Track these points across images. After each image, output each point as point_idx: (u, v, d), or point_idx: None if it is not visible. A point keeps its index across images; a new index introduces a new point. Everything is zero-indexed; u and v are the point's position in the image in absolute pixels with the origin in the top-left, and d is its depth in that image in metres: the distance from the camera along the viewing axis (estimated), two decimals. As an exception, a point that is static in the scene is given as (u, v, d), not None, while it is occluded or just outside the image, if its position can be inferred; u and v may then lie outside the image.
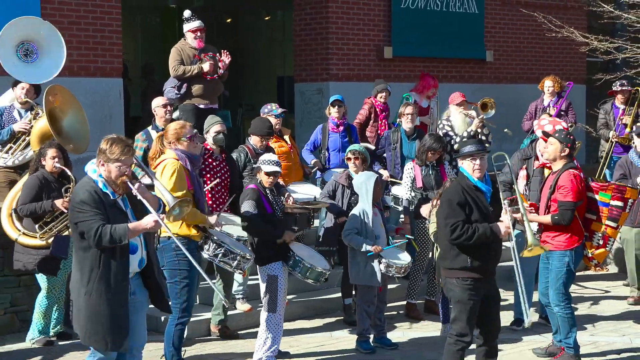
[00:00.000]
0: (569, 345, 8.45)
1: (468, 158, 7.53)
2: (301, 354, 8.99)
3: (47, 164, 9.03)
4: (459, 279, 7.40)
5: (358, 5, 14.80)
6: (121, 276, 6.41)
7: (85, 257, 6.38)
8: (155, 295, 6.81)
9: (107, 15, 12.13)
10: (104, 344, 6.43)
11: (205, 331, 9.53)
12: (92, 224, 6.25)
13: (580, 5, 16.40)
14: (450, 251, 7.43)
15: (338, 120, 11.32)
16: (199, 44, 11.27)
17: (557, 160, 8.44)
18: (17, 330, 9.55)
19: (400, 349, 9.13)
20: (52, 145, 9.11)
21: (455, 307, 7.50)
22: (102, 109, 11.99)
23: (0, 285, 9.57)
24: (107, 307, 6.36)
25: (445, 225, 7.35)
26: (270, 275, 8.41)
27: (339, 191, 9.74)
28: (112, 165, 6.40)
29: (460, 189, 7.47)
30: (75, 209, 6.36)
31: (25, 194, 8.96)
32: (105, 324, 6.37)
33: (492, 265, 7.61)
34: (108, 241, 6.22)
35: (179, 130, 7.98)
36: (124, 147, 6.44)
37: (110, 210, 6.40)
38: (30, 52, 9.97)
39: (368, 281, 8.94)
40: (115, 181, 6.43)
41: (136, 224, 6.40)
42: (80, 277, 6.42)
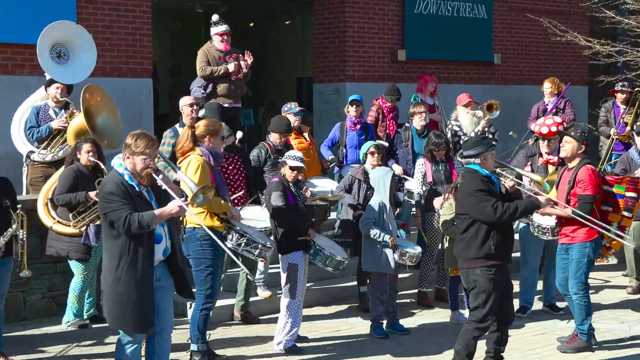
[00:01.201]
0: (582, 331, 8.45)
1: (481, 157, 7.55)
2: (318, 338, 9.01)
3: (82, 158, 9.11)
4: (483, 269, 7.41)
5: (374, 10, 14.79)
6: (148, 263, 6.46)
7: (115, 245, 6.42)
8: (179, 282, 6.84)
9: (138, 19, 12.17)
10: (132, 327, 6.49)
11: (228, 316, 9.58)
12: (120, 213, 6.30)
13: (583, 11, 16.32)
14: (475, 241, 7.44)
15: (355, 119, 11.34)
16: (226, 46, 11.30)
17: (575, 158, 8.43)
18: (54, 314, 9.62)
19: (411, 335, 9.14)
20: (87, 140, 9.20)
21: (478, 297, 7.46)
22: (132, 107, 12.03)
23: (38, 272, 9.62)
24: (134, 293, 6.41)
25: (484, 208, 7.33)
26: (291, 264, 8.44)
27: (355, 185, 9.76)
28: (137, 158, 6.45)
29: (478, 179, 7.50)
30: (104, 200, 6.41)
31: (61, 185, 9.05)
32: (133, 308, 6.42)
33: (510, 251, 7.63)
34: (137, 228, 6.28)
35: (211, 127, 8.02)
36: (148, 141, 6.50)
37: (137, 201, 6.45)
38: (63, 54, 10.02)
39: (383, 269, 8.95)
40: (140, 173, 6.48)
41: (162, 209, 6.45)
42: (109, 264, 6.48)
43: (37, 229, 9.49)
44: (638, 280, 11.13)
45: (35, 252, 9.47)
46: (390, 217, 9.05)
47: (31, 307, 9.63)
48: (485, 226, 7.42)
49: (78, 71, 10.16)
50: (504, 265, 7.53)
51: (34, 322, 9.50)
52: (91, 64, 10.32)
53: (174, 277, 6.82)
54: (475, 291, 7.50)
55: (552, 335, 9.13)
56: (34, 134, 9.94)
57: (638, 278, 11.13)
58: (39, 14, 11.04)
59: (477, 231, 7.46)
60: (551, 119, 9.73)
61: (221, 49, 11.28)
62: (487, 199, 7.37)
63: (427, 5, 15.29)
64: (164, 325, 6.79)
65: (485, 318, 7.45)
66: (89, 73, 10.28)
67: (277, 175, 8.70)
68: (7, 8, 10.94)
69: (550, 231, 9.16)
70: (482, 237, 7.43)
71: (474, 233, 7.48)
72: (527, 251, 9.92)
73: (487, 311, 7.43)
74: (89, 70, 10.29)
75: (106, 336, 8.95)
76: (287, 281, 8.45)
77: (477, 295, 7.48)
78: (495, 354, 7.72)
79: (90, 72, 10.29)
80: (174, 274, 6.81)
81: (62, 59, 10.01)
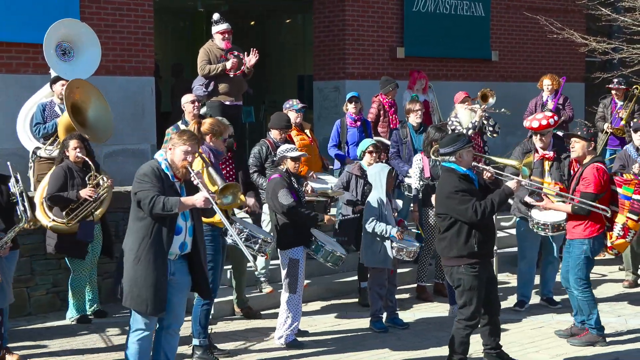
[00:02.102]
0: (591, 326, 8.42)
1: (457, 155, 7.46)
2: (319, 332, 9.00)
3: (70, 155, 9.06)
4: (467, 266, 7.36)
5: (373, 8, 14.76)
6: (167, 248, 6.52)
7: (140, 226, 6.51)
8: (198, 281, 6.84)
9: (140, 18, 12.14)
10: (145, 307, 6.51)
11: (230, 311, 9.56)
12: (148, 193, 6.41)
13: (579, 9, 16.28)
14: (457, 239, 7.37)
15: (355, 115, 11.31)
16: (227, 44, 11.26)
17: (586, 156, 8.39)
18: (58, 309, 9.63)
19: (410, 328, 9.12)
20: (73, 137, 9.14)
21: (464, 294, 7.42)
22: (135, 105, 12.02)
23: (42, 268, 9.64)
24: (152, 274, 6.46)
25: (466, 210, 7.26)
26: (291, 259, 8.41)
27: (352, 181, 9.72)
28: (177, 150, 6.57)
29: (456, 178, 7.42)
30: (137, 180, 6.54)
31: (52, 185, 9.00)
32: (148, 288, 6.46)
33: (492, 246, 7.64)
34: (160, 208, 6.35)
35: (216, 127, 7.99)
36: (191, 135, 6.69)
37: (167, 189, 6.52)
38: (68, 52, 9.99)
39: (382, 264, 8.93)
40: (177, 165, 6.57)
41: (188, 197, 6.52)
42: (132, 244, 6.55)
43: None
44: (634, 274, 11.12)
45: (40, 249, 9.48)
46: (389, 212, 9.02)
47: (36, 303, 9.63)
48: (467, 225, 7.35)
49: (83, 68, 10.15)
50: (486, 261, 7.52)
51: (38, 317, 9.50)
52: (96, 61, 10.30)
53: (195, 276, 6.82)
54: (461, 289, 7.45)
55: (550, 328, 9.11)
56: (40, 130, 9.91)
57: (634, 272, 11.13)
58: (43, 14, 11.01)
59: (459, 230, 7.38)
60: (542, 114, 9.71)
61: (222, 47, 11.24)
62: (466, 199, 7.29)
63: (426, 4, 15.26)
64: (173, 321, 6.79)
65: (474, 315, 7.41)
66: (93, 70, 10.26)
67: (275, 172, 8.65)
68: (12, 8, 10.90)
69: (550, 227, 9.13)
70: (464, 235, 7.37)
71: (455, 232, 7.39)
72: (524, 246, 9.89)
73: (475, 308, 7.40)
74: (94, 67, 10.27)
75: (109, 330, 8.94)
76: (287, 276, 8.42)
77: (463, 293, 7.43)
78: (493, 345, 7.70)
79: (95, 68, 10.27)
80: (195, 273, 6.81)
81: (67, 56, 9.99)
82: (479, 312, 7.45)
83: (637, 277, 11.15)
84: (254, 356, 8.16)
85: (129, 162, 11.70)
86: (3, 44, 10.93)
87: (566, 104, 13.20)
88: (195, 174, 6.65)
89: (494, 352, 7.71)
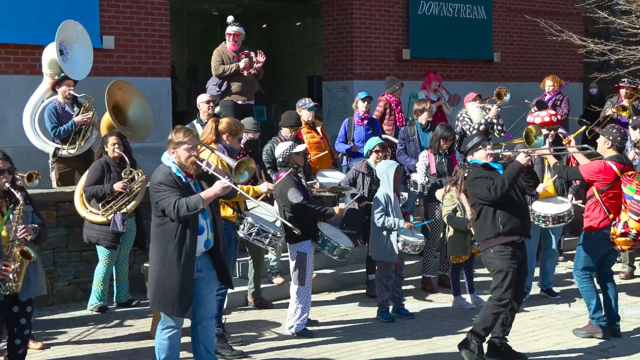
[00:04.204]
0: (592, 318, 8.38)
1: (478, 149, 7.60)
2: (328, 322, 9.00)
3: (108, 150, 9.20)
4: (496, 249, 7.38)
5: (380, 12, 14.76)
6: (191, 251, 6.45)
7: (164, 230, 6.44)
8: (221, 273, 6.81)
9: (157, 22, 12.16)
10: (170, 309, 6.47)
11: (243, 302, 9.58)
12: (170, 199, 6.31)
13: (578, 12, 16.24)
14: (485, 223, 7.45)
15: (364, 114, 11.31)
16: (233, 46, 11.26)
17: (605, 151, 8.31)
18: (79, 299, 9.66)
19: (416, 318, 9.13)
20: (113, 134, 9.32)
21: (496, 277, 7.44)
22: (152, 104, 11.98)
23: (64, 260, 9.68)
24: (177, 276, 6.39)
25: (483, 191, 7.36)
26: (300, 252, 8.42)
27: (359, 179, 9.71)
28: (180, 150, 6.49)
29: (477, 170, 7.60)
30: (154, 190, 6.45)
31: (89, 178, 9.14)
32: (174, 290, 6.41)
33: (524, 226, 7.53)
34: (185, 210, 6.26)
35: (233, 127, 7.98)
36: (185, 130, 6.58)
37: (184, 191, 6.44)
38: (62, 51, 9.99)
39: (388, 257, 8.94)
40: (186, 163, 6.50)
41: (207, 190, 6.42)
42: (157, 248, 6.49)
43: (65, 219, 9.56)
44: (631, 266, 11.12)
45: (63, 242, 9.54)
46: (396, 207, 9.02)
47: (58, 293, 9.66)
48: (491, 208, 7.43)
49: (81, 66, 10.13)
50: (518, 244, 7.48)
51: (61, 307, 9.54)
52: (89, 59, 10.23)
53: (217, 268, 6.78)
54: (493, 272, 7.48)
55: (549, 318, 9.11)
56: (60, 132, 9.92)
57: (631, 264, 11.12)
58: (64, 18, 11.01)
59: (485, 214, 7.49)
60: (545, 111, 9.69)
61: (229, 48, 11.26)
62: (483, 183, 7.41)
63: (430, 7, 15.25)
64: (205, 314, 6.74)
65: (503, 297, 7.40)
66: (90, 67, 10.21)
67: (282, 170, 8.63)
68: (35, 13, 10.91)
69: (551, 219, 9.11)
70: (490, 218, 7.45)
71: (483, 216, 7.52)
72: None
73: (505, 290, 7.39)
74: (90, 64, 10.22)
75: (128, 320, 8.97)
76: (296, 269, 8.43)
77: (495, 275, 7.46)
78: (500, 335, 7.67)
79: (90, 65, 10.21)
80: (217, 266, 6.77)
81: (63, 55, 9.98)
82: (510, 295, 7.40)
83: (634, 269, 11.15)
84: (266, 344, 8.17)
85: (148, 159, 11.71)
86: (27, 46, 10.95)
87: (562, 102, 13.22)
88: (206, 164, 6.57)
89: (498, 341, 7.69)
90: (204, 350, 6.80)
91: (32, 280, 6.55)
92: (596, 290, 8.40)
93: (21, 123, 10.52)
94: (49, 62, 10.04)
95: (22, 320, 6.60)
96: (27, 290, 6.51)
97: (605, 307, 8.45)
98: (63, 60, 9.88)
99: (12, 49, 10.88)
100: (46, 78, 10.15)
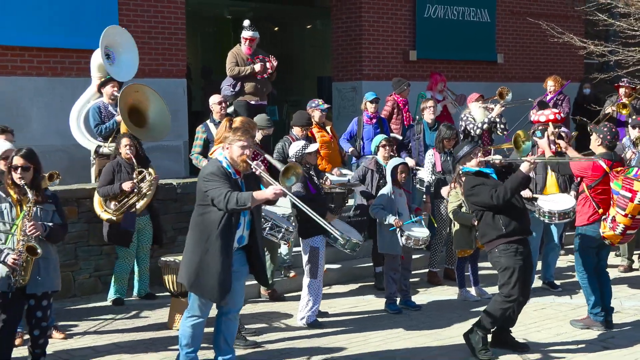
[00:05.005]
0: (590, 312, 8.38)
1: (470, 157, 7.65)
2: (338, 313, 9.03)
3: (121, 152, 9.17)
4: (500, 248, 7.39)
5: (387, 15, 14.76)
6: (231, 242, 6.44)
7: (205, 220, 6.40)
8: (256, 270, 6.80)
9: (173, 25, 12.19)
10: (209, 294, 6.45)
11: (256, 294, 9.61)
12: (221, 190, 6.26)
13: (578, 15, 16.19)
14: (487, 226, 7.47)
15: (372, 114, 11.32)
16: (248, 50, 11.28)
17: (596, 148, 8.30)
18: (100, 291, 9.71)
19: (422, 310, 9.14)
20: (125, 135, 9.28)
21: (502, 275, 7.45)
22: (169, 105, 11.96)
23: (85, 254, 9.73)
24: (218, 264, 6.36)
25: (484, 198, 7.38)
26: (313, 247, 8.44)
27: (368, 175, 9.74)
28: (234, 146, 6.45)
29: (471, 177, 7.61)
30: (205, 180, 6.39)
31: (102, 178, 9.18)
32: (215, 277, 6.37)
33: (524, 226, 7.53)
34: (234, 204, 6.19)
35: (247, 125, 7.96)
36: (243, 130, 6.51)
37: (233, 185, 6.39)
38: (109, 55, 10.03)
39: (392, 250, 8.96)
40: (237, 160, 6.46)
41: (260, 192, 6.35)
42: (199, 237, 6.43)
43: (86, 215, 9.61)
44: (629, 260, 11.10)
45: (84, 237, 9.60)
46: (400, 203, 9.03)
47: (80, 286, 9.72)
48: (490, 212, 7.45)
49: (127, 69, 10.17)
50: (521, 240, 7.48)
51: (82, 298, 9.59)
52: (135, 63, 10.30)
53: (253, 266, 6.74)
54: (500, 270, 7.48)
55: (551, 310, 9.12)
56: (102, 130, 9.94)
57: (629, 258, 11.11)
58: (85, 22, 11.09)
59: (486, 218, 7.50)
60: (549, 110, 9.68)
61: (244, 51, 11.28)
62: (482, 190, 7.42)
63: (436, 10, 15.25)
64: (232, 307, 6.74)
65: (511, 293, 7.41)
66: (135, 70, 10.27)
67: None
68: (57, 17, 10.96)
69: (557, 215, 9.11)
70: (490, 222, 7.47)
71: (484, 220, 7.53)
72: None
73: (512, 286, 7.39)
74: (135, 68, 10.28)
75: (145, 310, 9.03)
76: (309, 263, 8.45)
77: (502, 273, 7.46)
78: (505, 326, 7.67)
79: (136, 69, 10.29)
80: (254, 263, 6.73)
81: (110, 59, 10.01)
82: (517, 290, 7.40)
83: (632, 262, 11.13)
84: (278, 335, 8.19)
85: (164, 157, 11.78)
86: (50, 49, 11.00)
87: (564, 101, 13.20)
88: (256, 164, 6.53)
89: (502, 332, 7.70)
90: (224, 342, 6.80)
91: (44, 276, 6.58)
92: (597, 286, 8.38)
93: (45, 123, 10.58)
94: (97, 66, 10.08)
95: (38, 313, 6.65)
96: (39, 284, 6.55)
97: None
98: (110, 64, 9.91)
99: (35, 52, 10.92)
100: (94, 81, 10.19)
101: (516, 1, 16.71)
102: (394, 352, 7.66)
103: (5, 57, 10.70)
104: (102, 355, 7.55)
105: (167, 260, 8.29)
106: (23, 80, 10.83)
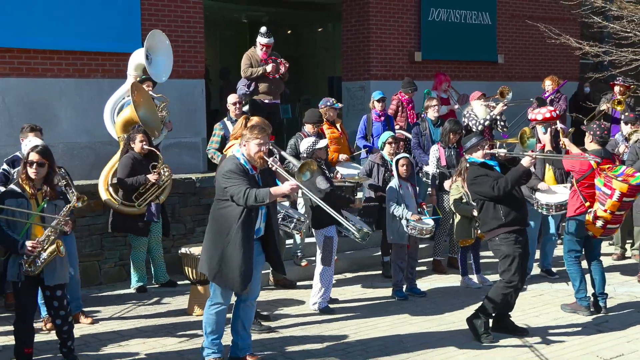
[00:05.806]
0: (577, 298, 8.38)
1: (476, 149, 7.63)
2: (347, 300, 9.05)
3: (136, 147, 9.10)
4: (500, 237, 7.40)
5: (394, 18, 14.74)
6: (251, 234, 6.43)
7: (226, 214, 6.37)
8: (273, 259, 6.79)
9: (192, 29, 12.19)
10: (231, 284, 6.45)
11: (265, 282, 9.57)
12: (240, 187, 6.24)
13: (574, 17, 16.10)
14: (487, 215, 7.48)
15: (380, 112, 11.32)
16: (263, 55, 11.28)
17: (588, 145, 8.28)
18: (124, 279, 9.75)
19: (427, 297, 9.15)
20: (139, 131, 9.17)
21: (503, 262, 7.45)
22: (188, 104, 12.09)
23: (110, 244, 9.77)
24: (240, 256, 6.34)
25: (485, 189, 7.38)
26: (326, 237, 8.43)
27: (375, 169, 9.74)
28: (251, 143, 6.43)
29: (475, 168, 7.60)
30: (224, 177, 6.36)
31: (123, 171, 9.04)
32: (236, 268, 6.36)
33: (522, 216, 7.53)
34: (253, 200, 6.18)
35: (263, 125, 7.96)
36: (259, 128, 6.51)
37: (251, 182, 6.38)
38: (147, 57, 9.99)
39: (399, 239, 8.97)
40: (254, 157, 6.44)
41: (277, 188, 6.33)
42: (219, 230, 6.42)
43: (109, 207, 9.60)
44: (622, 248, 11.07)
45: (109, 228, 9.58)
46: (406, 196, 9.03)
47: (105, 274, 9.77)
48: (491, 202, 7.45)
49: (163, 70, 10.11)
50: (520, 229, 7.49)
51: (107, 286, 9.64)
52: (170, 66, 10.25)
53: (271, 255, 6.73)
54: (500, 258, 7.49)
55: (548, 296, 9.11)
56: (135, 125, 9.91)
57: (622, 247, 11.08)
58: (109, 26, 11.11)
59: (487, 208, 7.51)
60: (545, 108, 9.65)
61: (260, 56, 11.29)
62: (484, 181, 7.43)
63: (440, 14, 15.21)
64: (250, 294, 6.73)
65: (512, 279, 7.41)
66: (169, 73, 10.24)
67: None
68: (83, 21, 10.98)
69: (554, 207, 9.09)
70: (491, 211, 7.47)
71: (485, 210, 7.54)
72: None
73: (513, 273, 7.40)
74: (169, 70, 10.24)
75: (166, 297, 9.07)
76: (323, 251, 8.45)
77: (502, 260, 7.47)
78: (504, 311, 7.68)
79: (169, 72, 10.25)
80: (270, 253, 6.72)
81: (149, 60, 9.99)
82: (517, 276, 7.41)
83: (625, 250, 11.11)
84: (291, 320, 8.22)
85: (183, 153, 11.82)
86: (77, 52, 11.03)
87: (561, 99, 13.17)
88: (273, 160, 6.51)
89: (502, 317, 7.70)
90: (242, 327, 6.81)
91: (59, 269, 6.58)
92: (581, 272, 8.37)
93: (72, 122, 10.60)
94: (135, 66, 10.02)
95: (55, 303, 6.66)
96: (52, 276, 6.55)
97: (592, 284, 8.42)
98: (148, 64, 9.90)
99: (63, 55, 10.95)
100: (130, 79, 10.19)
101: (516, 5, 16.65)
102: (401, 337, 7.67)
103: (36, 60, 10.73)
104: (126, 339, 7.59)
105: (186, 250, 8.32)
106: (52, 81, 10.86)
